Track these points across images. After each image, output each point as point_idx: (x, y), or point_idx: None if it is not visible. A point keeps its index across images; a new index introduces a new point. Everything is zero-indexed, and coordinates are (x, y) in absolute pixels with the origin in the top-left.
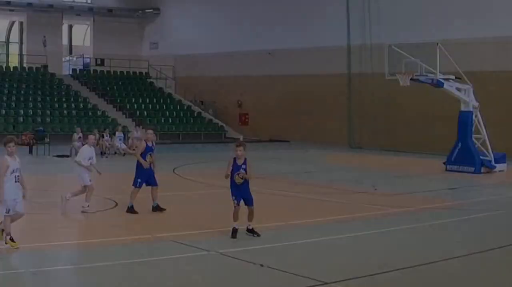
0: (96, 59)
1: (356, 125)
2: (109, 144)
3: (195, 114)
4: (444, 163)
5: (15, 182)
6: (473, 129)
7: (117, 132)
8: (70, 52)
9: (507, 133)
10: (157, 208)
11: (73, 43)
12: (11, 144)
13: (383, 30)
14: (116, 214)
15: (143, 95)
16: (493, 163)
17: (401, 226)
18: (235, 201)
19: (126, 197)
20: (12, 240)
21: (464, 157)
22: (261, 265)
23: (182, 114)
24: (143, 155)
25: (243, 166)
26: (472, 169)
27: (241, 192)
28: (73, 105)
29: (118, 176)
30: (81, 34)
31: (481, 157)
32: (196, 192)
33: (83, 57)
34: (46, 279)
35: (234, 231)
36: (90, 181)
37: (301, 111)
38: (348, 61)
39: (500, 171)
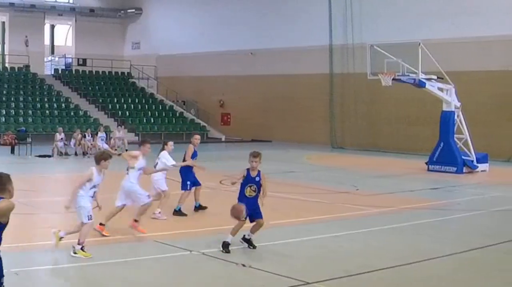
0: (78, 59)
1: (338, 125)
2: (91, 144)
3: (177, 114)
4: (426, 163)
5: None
6: (455, 129)
7: (99, 133)
8: (52, 52)
9: (489, 133)
10: (199, 207)
11: (55, 43)
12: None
13: (365, 30)
14: (98, 214)
15: (125, 95)
16: (475, 162)
17: (382, 226)
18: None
19: (107, 197)
20: (83, 250)
21: (446, 156)
22: (243, 265)
23: (164, 114)
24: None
25: (257, 178)
26: (454, 168)
27: (250, 205)
28: (55, 105)
29: None
30: (63, 34)
31: (463, 157)
32: (177, 192)
33: (65, 57)
34: (28, 279)
35: (226, 246)
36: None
37: (283, 111)
38: (330, 61)
39: (482, 170)
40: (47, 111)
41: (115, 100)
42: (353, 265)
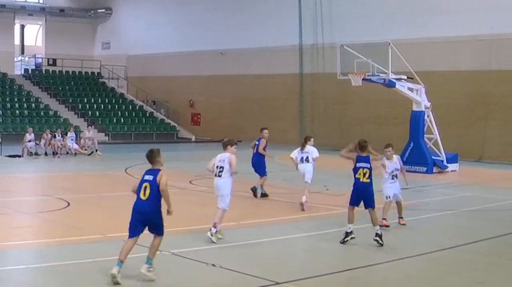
0: (48, 59)
1: (308, 125)
2: (61, 144)
3: (147, 114)
4: None
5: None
6: (425, 129)
7: (69, 133)
8: (22, 52)
9: (459, 133)
10: (264, 195)
11: (25, 43)
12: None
13: (335, 30)
14: (69, 214)
15: (95, 95)
16: (445, 162)
17: (353, 226)
18: None
19: (79, 197)
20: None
21: (416, 157)
22: (213, 265)
23: (134, 114)
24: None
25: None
26: (424, 169)
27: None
28: (25, 105)
29: (70, 176)
30: (33, 34)
31: (433, 157)
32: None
33: (35, 57)
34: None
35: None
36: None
37: (253, 111)
38: (300, 61)
39: (452, 170)
40: (17, 111)
41: (85, 100)
42: (324, 264)
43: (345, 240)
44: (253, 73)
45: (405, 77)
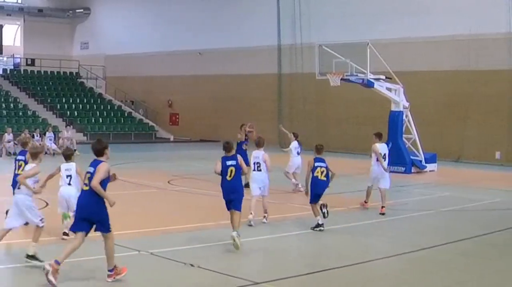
0: (26, 59)
1: (287, 126)
2: (39, 144)
3: (126, 114)
4: None
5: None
6: (403, 129)
7: (47, 133)
8: (1, 52)
9: (437, 133)
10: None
11: (4, 43)
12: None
13: (314, 30)
14: (47, 214)
15: (73, 95)
16: (423, 162)
17: (331, 226)
18: None
19: (56, 197)
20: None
21: (395, 157)
22: (192, 265)
23: (112, 114)
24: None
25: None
26: (403, 169)
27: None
28: (3, 105)
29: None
30: (12, 34)
31: (411, 157)
32: (126, 192)
33: (13, 57)
34: None
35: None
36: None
37: (231, 111)
38: (278, 61)
39: (430, 170)
40: None
41: (64, 100)
42: (303, 264)
43: (315, 229)
44: (232, 73)
45: (383, 77)
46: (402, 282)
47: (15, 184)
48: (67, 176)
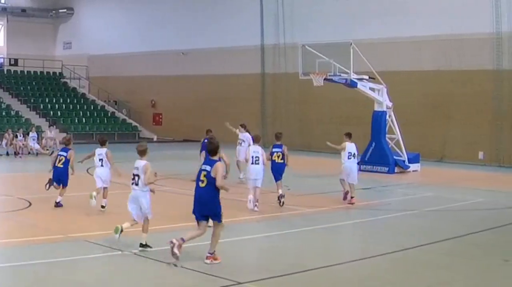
0: (9, 59)
1: (270, 126)
2: (22, 144)
3: (109, 114)
4: (357, 163)
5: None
6: (386, 129)
7: (30, 133)
8: None
9: (421, 133)
10: None
11: None
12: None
13: (297, 30)
14: (30, 214)
15: (56, 95)
16: (406, 162)
17: (314, 226)
18: None
19: (40, 197)
20: None
21: (378, 156)
22: (175, 265)
23: (95, 114)
24: None
25: None
26: (386, 169)
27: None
28: None
29: (32, 176)
30: None
31: (394, 157)
32: (110, 192)
33: None
34: None
35: None
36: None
37: (215, 111)
38: (262, 61)
39: (413, 170)
40: None
41: (47, 100)
42: (286, 265)
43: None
44: (215, 73)
45: (366, 77)
46: (386, 282)
47: (58, 177)
48: (100, 159)
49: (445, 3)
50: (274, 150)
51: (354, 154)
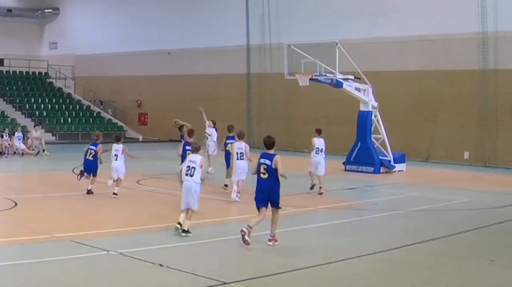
0: None
1: (256, 126)
2: (8, 144)
3: (95, 114)
4: (343, 163)
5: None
6: (372, 129)
7: (16, 132)
8: None
9: (406, 133)
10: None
11: None
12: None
13: (283, 30)
14: (16, 214)
15: (42, 95)
16: (392, 162)
17: (300, 226)
18: None
19: (26, 197)
20: None
21: (363, 156)
22: (160, 265)
23: (81, 114)
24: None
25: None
26: (372, 168)
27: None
28: None
29: (17, 176)
30: None
31: (380, 157)
32: (94, 191)
33: None
34: None
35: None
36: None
37: (200, 111)
38: (247, 61)
39: (399, 170)
40: None
41: (32, 100)
42: (272, 264)
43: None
44: (201, 73)
45: (352, 77)
46: (371, 282)
47: (88, 167)
48: (115, 154)
49: (431, 3)
50: (228, 141)
51: (322, 149)
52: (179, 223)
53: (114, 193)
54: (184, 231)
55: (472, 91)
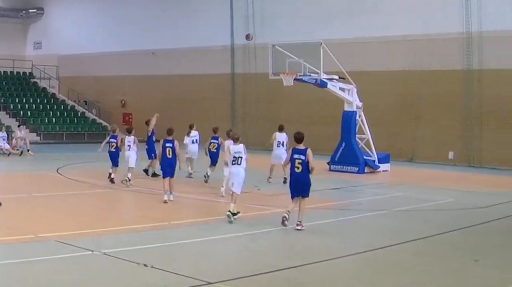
0: None
1: (240, 126)
2: None
3: (79, 114)
4: (328, 163)
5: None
6: (356, 129)
7: (0, 132)
8: None
9: (391, 133)
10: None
11: None
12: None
13: (267, 30)
14: (0, 214)
15: (26, 95)
16: (376, 162)
17: (284, 227)
18: None
19: (10, 197)
20: None
21: (348, 156)
22: (145, 265)
23: (65, 114)
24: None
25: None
26: (356, 168)
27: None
28: None
29: (1, 176)
30: None
31: (364, 157)
32: (79, 191)
33: None
34: None
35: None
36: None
37: (185, 111)
38: (231, 61)
39: (383, 170)
40: None
41: (17, 100)
42: (256, 264)
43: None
44: (185, 73)
45: (336, 77)
46: (356, 282)
47: (113, 158)
48: (128, 145)
49: (415, 3)
50: (212, 140)
51: (283, 142)
52: (229, 211)
53: (125, 180)
54: (232, 213)
55: (456, 91)
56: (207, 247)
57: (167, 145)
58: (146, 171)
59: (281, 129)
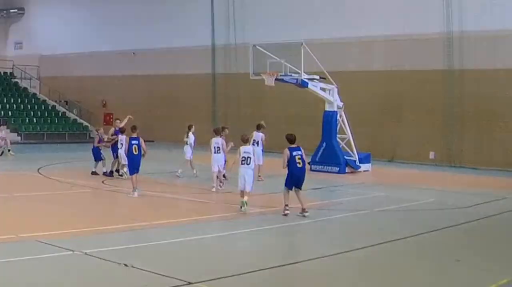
0: None
1: (221, 125)
2: None
3: (60, 114)
4: (308, 163)
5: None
6: (337, 129)
7: None
8: None
9: (371, 133)
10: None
11: None
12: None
13: (248, 30)
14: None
15: (7, 95)
16: (357, 162)
17: (265, 226)
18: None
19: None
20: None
21: (329, 157)
22: (125, 265)
23: (46, 114)
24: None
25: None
26: (337, 169)
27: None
28: None
29: None
30: None
31: (345, 157)
32: (60, 191)
33: None
34: None
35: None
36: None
37: (166, 111)
38: (212, 61)
39: (364, 170)
40: None
41: None
42: (237, 264)
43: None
44: (166, 73)
45: (317, 77)
46: (337, 282)
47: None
48: (121, 143)
49: (396, 3)
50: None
51: (258, 141)
52: (243, 201)
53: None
54: (245, 203)
55: (437, 91)
56: (189, 247)
57: (133, 142)
58: (117, 171)
59: (258, 128)
